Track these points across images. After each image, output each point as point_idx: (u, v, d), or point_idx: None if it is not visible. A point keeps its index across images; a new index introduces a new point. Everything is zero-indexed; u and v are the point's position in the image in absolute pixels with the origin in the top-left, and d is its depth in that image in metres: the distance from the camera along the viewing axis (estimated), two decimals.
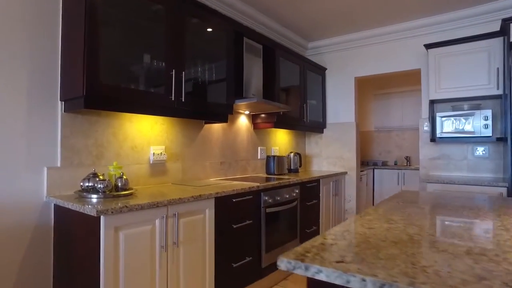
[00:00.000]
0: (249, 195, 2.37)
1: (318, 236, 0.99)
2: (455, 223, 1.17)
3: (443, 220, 1.24)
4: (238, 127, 3.21)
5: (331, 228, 1.22)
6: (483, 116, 2.93)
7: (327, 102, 4.24)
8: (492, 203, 1.61)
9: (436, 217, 1.29)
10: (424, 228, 1.09)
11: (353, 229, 1.08)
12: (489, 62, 2.94)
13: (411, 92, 5.47)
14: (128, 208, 1.54)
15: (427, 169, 3.48)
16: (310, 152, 4.38)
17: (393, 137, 5.64)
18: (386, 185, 5.08)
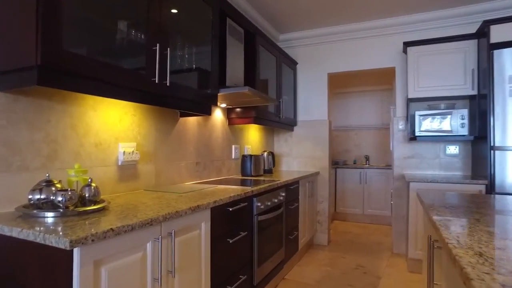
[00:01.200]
0: (243, 202, 1.99)
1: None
2: None
3: None
4: (213, 122, 2.79)
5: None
6: (460, 115, 2.96)
7: (298, 98, 4.02)
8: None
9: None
10: None
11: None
12: (465, 63, 2.99)
13: (371, 92, 5.56)
14: (115, 231, 1.06)
15: (401, 168, 3.46)
16: (279, 151, 4.12)
17: (352, 136, 5.69)
18: (348, 184, 5.07)
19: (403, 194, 3.44)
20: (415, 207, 2.90)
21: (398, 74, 3.52)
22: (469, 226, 1.04)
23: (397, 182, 3.47)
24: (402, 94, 3.49)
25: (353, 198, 5.03)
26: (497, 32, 2.66)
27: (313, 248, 3.68)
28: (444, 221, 1.10)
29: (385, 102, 5.45)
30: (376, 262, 3.18)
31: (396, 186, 3.48)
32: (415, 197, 2.89)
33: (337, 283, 2.68)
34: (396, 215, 3.49)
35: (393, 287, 2.60)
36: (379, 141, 5.47)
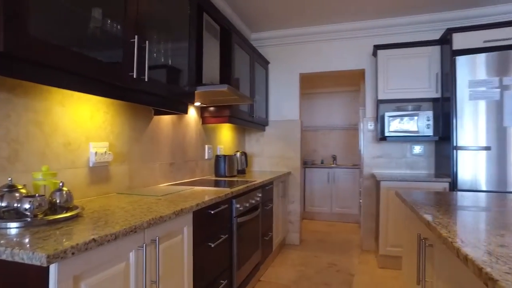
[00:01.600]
0: (224, 204, 1.91)
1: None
2: None
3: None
4: (187, 121, 2.67)
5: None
6: (425, 116, 3.12)
7: (270, 98, 4.00)
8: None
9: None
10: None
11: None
12: (430, 68, 3.15)
13: (338, 93, 5.70)
14: (98, 241, 0.95)
15: (370, 167, 3.57)
16: (251, 151, 4.07)
17: (320, 136, 5.80)
18: (316, 184, 5.16)
19: (372, 193, 3.55)
20: (386, 205, 2.99)
21: (367, 76, 3.63)
22: (463, 224, 1.06)
23: (367, 181, 3.58)
24: (371, 96, 3.60)
25: (321, 197, 5.12)
26: (459, 39, 2.83)
27: (285, 248, 3.68)
28: (437, 219, 1.12)
29: (352, 103, 5.62)
30: (348, 260, 3.25)
31: (366, 185, 3.59)
32: (386, 196, 2.99)
33: (313, 282, 2.69)
34: (366, 213, 3.59)
35: (367, 283, 2.66)
36: (346, 141, 5.63)
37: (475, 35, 2.80)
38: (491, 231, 0.97)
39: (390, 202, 2.98)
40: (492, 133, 2.69)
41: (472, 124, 2.74)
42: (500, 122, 2.67)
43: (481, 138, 2.71)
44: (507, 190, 2.65)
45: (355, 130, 5.55)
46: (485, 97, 2.71)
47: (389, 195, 2.99)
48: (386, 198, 2.99)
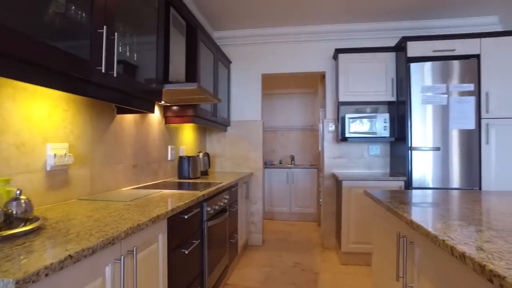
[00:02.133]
0: (196, 207, 1.83)
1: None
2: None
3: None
4: (150, 121, 2.52)
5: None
6: (383, 118, 3.30)
7: (231, 98, 3.95)
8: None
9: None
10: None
11: None
12: (386, 72, 3.34)
13: (296, 94, 5.81)
14: (74, 258, 0.83)
15: (330, 168, 3.69)
16: (212, 152, 3.98)
17: (278, 137, 5.87)
18: (275, 184, 5.21)
19: (333, 192, 3.67)
20: (347, 203, 3.11)
21: (328, 79, 3.74)
22: (443, 221, 1.12)
23: (328, 181, 3.69)
24: (332, 98, 3.72)
25: (280, 197, 5.18)
26: (412, 47, 3.04)
27: (248, 249, 3.65)
28: (417, 217, 1.17)
29: (309, 105, 5.78)
30: (311, 258, 3.31)
31: (326, 184, 3.70)
32: (348, 195, 3.10)
33: (280, 282, 2.70)
34: (326, 212, 3.70)
35: (332, 280, 2.74)
36: (304, 141, 5.76)
37: (426, 44, 3.02)
38: (467, 227, 1.03)
39: (351, 200, 3.10)
40: (440, 135, 2.93)
41: (424, 126, 2.95)
42: (446, 125, 2.92)
43: (432, 139, 2.93)
44: (450, 186, 2.91)
45: (312, 131, 5.71)
46: (434, 102, 2.94)
47: (350, 194, 3.10)
48: (348, 197, 3.11)
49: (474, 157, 2.88)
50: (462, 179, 2.89)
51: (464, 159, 2.89)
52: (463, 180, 2.89)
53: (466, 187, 2.89)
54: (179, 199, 1.68)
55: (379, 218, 1.78)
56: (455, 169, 2.90)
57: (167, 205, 1.50)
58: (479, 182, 2.89)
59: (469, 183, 2.89)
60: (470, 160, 2.89)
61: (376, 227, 1.84)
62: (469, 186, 2.88)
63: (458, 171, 2.90)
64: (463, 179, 2.89)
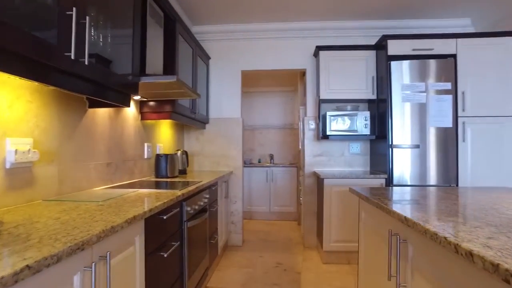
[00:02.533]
0: (175, 207, 1.72)
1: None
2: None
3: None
4: (125, 116, 2.37)
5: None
6: (363, 116, 3.30)
7: (210, 95, 3.84)
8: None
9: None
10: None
11: None
12: (367, 70, 3.35)
13: (275, 92, 5.76)
14: (34, 268, 0.71)
15: (311, 166, 3.66)
16: (190, 150, 3.85)
17: (257, 135, 5.80)
18: (255, 183, 5.13)
19: (314, 190, 3.64)
20: (329, 202, 3.08)
21: (309, 76, 3.71)
22: (438, 217, 1.08)
23: (308, 180, 3.66)
24: (312, 95, 3.69)
25: (260, 196, 5.11)
26: (393, 46, 3.05)
27: (228, 250, 3.55)
28: (410, 214, 1.12)
29: (288, 103, 5.75)
30: (293, 258, 3.26)
31: (307, 183, 3.66)
32: (330, 193, 3.08)
33: (262, 283, 2.63)
34: (307, 211, 3.67)
35: (314, 280, 2.69)
36: (283, 140, 5.73)
37: (405, 43, 3.05)
38: (464, 224, 0.99)
39: (333, 199, 3.08)
40: (419, 133, 2.96)
41: (404, 124, 2.97)
42: (425, 123, 2.95)
43: (412, 137, 2.96)
44: (428, 183, 2.94)
45: (292, 129, 5.68)
46: (413, 100, 2.97)
47: (332, 192, 3.08)
48: (329, 196, 3.08)
49: (452, 155, 2.94)
50: (440, 176, 2.94)
51: (442, 157, 2.94)
52: (440, 177, 2.94)
53: (444, 184, 2.93)
54: (157, 199, 1.56)
55: (366, 216, 1.74)
56: (433, 166, 2.94)
57: (144, 205, 1.38)
58: (456, 179, 2.94)
59: (446, 180, 2.94)
60: (448, 158, 2.94)
61: (362, 225, 1.80)
62: (447, 183, 2.93)
63: (435, 169, 2.94)
64: (440, 176, 2.94)
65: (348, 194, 3.06)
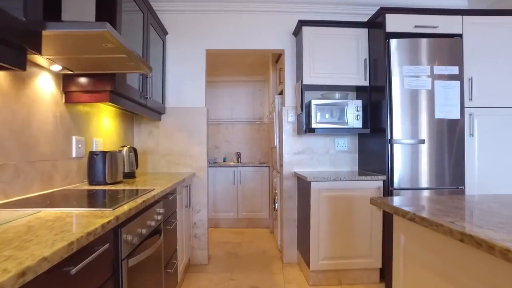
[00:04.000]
0: (101, 243, 1.01)
1: None
2: None
3: None
4: (36, 95, 1.59)
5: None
6: (355, 106, 2.76)
7: (167, 79, 3.10)
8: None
9: None
10: None
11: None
12: (358, 52, 2.82)
13: (242, 83, 5.10)
14: None
15: (291, 165, 3.06)
16: (142, 147, 3.08)
17: (222, 130, 5.10)
18: (220, 185, 4.44)
19: (293, 195, 3.05)
20: (317, 210, 2.50)
21: (287, 59, 3.11)
22: None
23: (287, 182, 3.06)
24: (291, 81, 3.09)
25: (226, 201, 4.44)
26: (391, 21, 2.54)
27: (191, 271, 2.85)
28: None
29: (257, 95, 5.12)
30: (271, 279, 2.64)
31: (286, 186, 3.06)
32: (318, 199, 2.49)
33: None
34: (285, 219, 3.07)
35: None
36: (251, 136, 5.09)
37: (406, 18, 2.56)
38: None
39: (322, 206, 2.50)
40: (425, 125, 2.48)
41: (406, 116, 2.47)
42: (432, 114, 2.48)
43: (414, 130, 2.47)
44: (435, 186, 2.48)
45: (261, 124, 5.07)
46: (417, 86, 2.48)
47: (321, 198, 2.50)
48: (317, 202, 2.50)
49: (460, 152, 2.49)
50: (449, 176, 2.48)
51: (449, 154, 2.48)
52: (450, 178, 2.48)
53: (451, 186, 2.48)
54: (66, 230, 0.85)
55: (412, 245, 1.15)
56: (440, 165, 2.47)
57: (30, 250, 0.67)
58: (463, 180, 2.50)
59: (457, 181, 2.48)
60: (456, 154, 2.49)
61: (403, 255, 1.21)
62: (454, 185, 2.48)
63: (444, 168, 2.47)
64: (450, 177, 2.48)
65: (340, 200, 2.50)
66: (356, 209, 2.51)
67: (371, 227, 2.52)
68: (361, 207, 2.52)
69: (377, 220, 2.52)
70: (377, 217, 2.52)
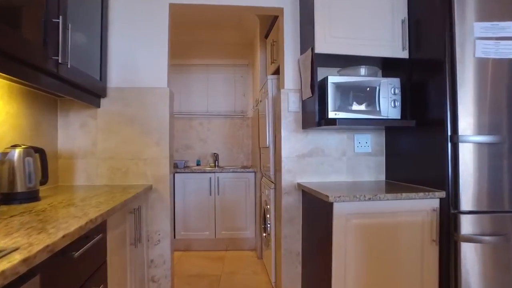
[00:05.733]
0: None
1: None
2: None
3: None
4: None
5: None
6: (391, 87, 1.87)
7: (111, 44, 2.07)
8: None
9: None
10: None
11: None
12: (392, 10, 1.93)
13: (221, 67, 4.11)
14: None
15: (293, 174, 2.13)
16: (70, 147, 2.04)
17: (195, 126, 4.09)
18: (192, 197, 3.44)
19: (297, 217, 2.12)
20: (343, 245, 1.57)
21: (287, 22, 2.17)
22: None
23: (288, 198, 2.12)
24: (293, 54, 2.16)
25: (200, 216, 3.44)
26: None
27: None
28: None
29: (240, 82, 4.14)
30: None
31: (286, 203, 2.12)
32: (344, 230, 1.57)
33: None
34: (286, 251, 2.13)
35: None
36: (231, 133, 4.12)
37: None
38: None
39: (351, 239, 1.58)
40: (503, 114, 1.62)
41: (479, 101, 1.60)
42: None
43: (495, 123, 1.61)
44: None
45: (243, 118, 4.11)
46: (499, 54, 1.61)
47: (349, 228, 1.58)
48: (344, 233, 1.57)
49: None
50: None
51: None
52: None
53: None
54: None
55: None
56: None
57: None
58: None
59: None
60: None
61: None
62: None
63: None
64: None
65: (378, 230, 1.59)
66: (399, 242, 1.62)
67: (422, 269, 1.64)
68: (406, 239, 1.63)
69: (430, 258, 1.64)
70: (430, 253, 1.64)
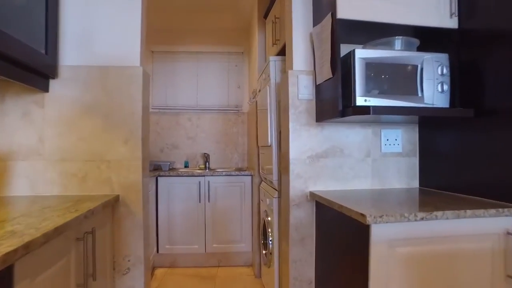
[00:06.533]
0: None
1: None
2: None
3: None
4: None
5: None
6: (437, 66, 1.39)
7: (63, 8, 1.57)
8: None
9: None
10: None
11: None
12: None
13: (212, 55, 3.62)
14: None
15: (304, 179, 1.64)
16: (7, 144, 1.52)
17: (183, 122, 3.59)
18: (179, 204, 2.94)
19: (309, 236, 1.64)
20: (384, 280, 1.09)
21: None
22: None
23: (298, 211, 1.63)
24: (304, 26, 1.68)
25: (188, 227, 2.94)
26: None
27: None
28: None
29: (234, 73, 3.65)
30: None
31: (296, 218, 1.64)
32: (386, 260, 1.09)
33: None
34: (295, 279, 1.65)
35: None
36: (224, 131, 3.63)
37: None
38: None
39: (395, 272, 1.10)
40: None
41: None
42: None
43: None
44: None
45: (238, 114, 3.63)
46: None
47: (392, 257, 1.10)
48: (387, 265, 1.10)
49: None
50: None
51: None
52: None
53: None
54: None
55: None
56: None
57: None
58: None
59: None
60: None
61: None
62: None
63: None
64: None
65: (432, 260, 1.12)
66: (461, 278, 1.15)
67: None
68: (471, 273, 1.16)
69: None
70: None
